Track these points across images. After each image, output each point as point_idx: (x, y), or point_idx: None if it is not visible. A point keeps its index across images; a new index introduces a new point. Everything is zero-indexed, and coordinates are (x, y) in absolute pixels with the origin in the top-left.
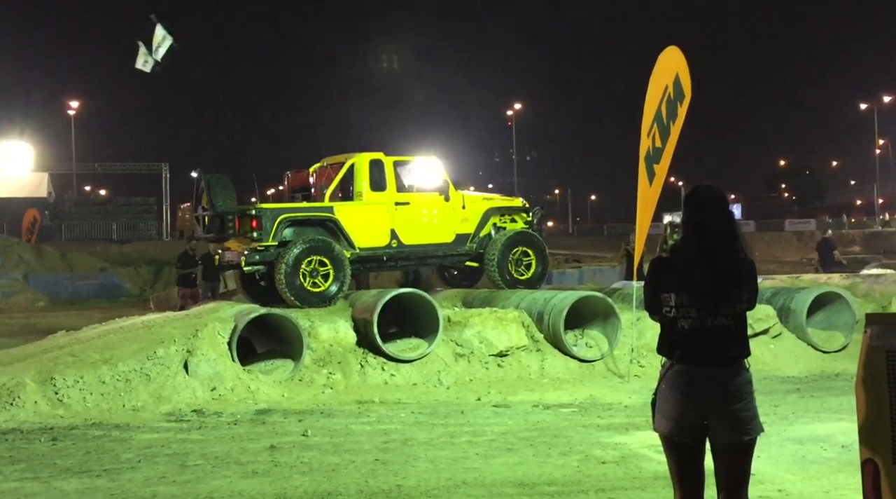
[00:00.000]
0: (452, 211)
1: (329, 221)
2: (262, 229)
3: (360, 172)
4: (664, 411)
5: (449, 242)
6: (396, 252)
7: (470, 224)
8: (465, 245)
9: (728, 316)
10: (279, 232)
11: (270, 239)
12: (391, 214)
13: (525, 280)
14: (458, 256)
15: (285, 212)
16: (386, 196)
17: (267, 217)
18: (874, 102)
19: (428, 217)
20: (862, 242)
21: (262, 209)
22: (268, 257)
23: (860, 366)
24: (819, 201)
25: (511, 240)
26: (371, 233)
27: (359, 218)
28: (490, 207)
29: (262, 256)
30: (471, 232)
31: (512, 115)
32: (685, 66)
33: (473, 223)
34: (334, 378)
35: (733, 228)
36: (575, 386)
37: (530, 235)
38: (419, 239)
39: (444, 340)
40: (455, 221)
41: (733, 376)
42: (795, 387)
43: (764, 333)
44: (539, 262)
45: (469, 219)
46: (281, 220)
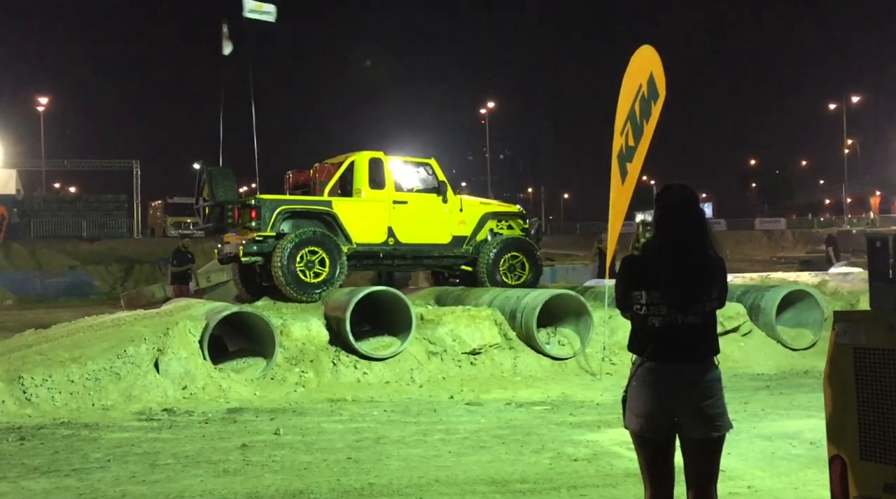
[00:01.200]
0: (450, 213)
1: (327, 214)
2: (261, 219)
3: (359, 169)
4: (634, 408)
5: (445, 244)
6: (393, 250)
7: (467, 227)
8: (461, 247)
9: (698, 314)
10: (277, 223)
11: (269, 230)
12: (389, 211)
13: (515, 286)
14: (454, 257)
15: (284, 204)
16: (384, 194)
17: (266, 207)
18: (843, 103)
19: (425, 217)
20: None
21: (261, 200)
22: (265, 249)
23: (828, 363)
24: (789, 200)
25: (505, 245)
26: (369, 229)
27: (357, 214)
28: (487, 212)
29: (259, 246)
30: (467, 235)
31: (485, 114)
32: (660, 65)
33: (470, 226)
34: (307, 376)
35: (703, 227)
36: (547, 384)
37: (524, 241)
38: (416, 238)
39: (417, 339)
40: (452, 223)
41: (703, 374)
42: (765, 384)
43: (734, 330)
44: (531, 269)
45: (466, 222)
46: (280, 211)
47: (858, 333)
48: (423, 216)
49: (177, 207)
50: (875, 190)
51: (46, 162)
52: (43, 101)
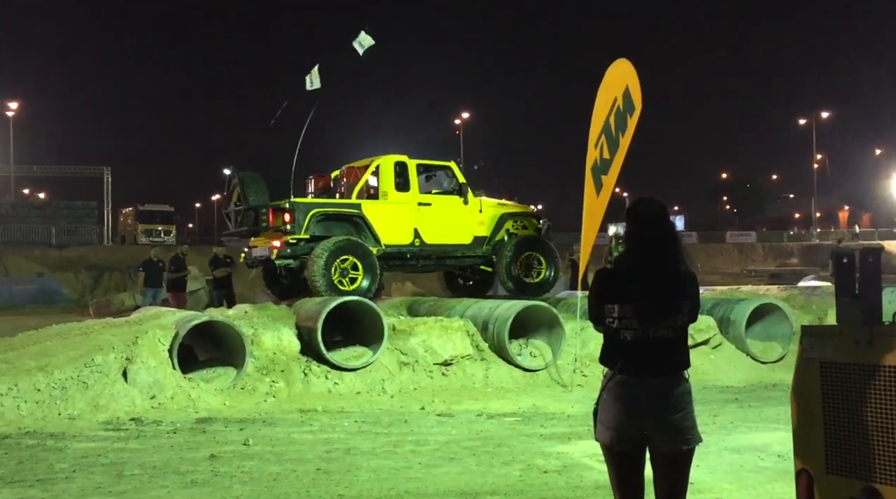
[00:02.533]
0: (470, 214)
1: (357, 217)
2: (295, 222)
3: (385, 172)
4: (605, 420)
5: (467, 244)
6: (419, 250)
7: (486, 227)
8: (482, 247)
9: (669, 328)
10: (311, 226)
11: (303, 232)
12: (414, 213)
13: (534, 284)
14: (475, 257)
15: (317, 207)
16: (409, 196)
17: (300, 211)
18: (812, 118)
19: (448, 218)
20: (800, 255)
21: (295, 203)
22: (299, 252)
23: (794, 377)
24: (759, 214)
25: (522, 244)
26: (396, 231)
27: (385, 216)
28: (505, 212)
29: (293, 249)
30: (487, 235)
31: (460, 125)
32: (636, 78)
33: (489, 227)
34: (277, 386)
35: (675, 241)
36: (519, 395)
37: (542, 240)
38: (440, 239)
39: (389, 349)
40: (473, 223)
41: (673, 387)
42: (734, 397)
43: (704, 343)
44: (549, 267)
45: (485, 222)
46: (313, 214)
47: (825, 348)
48: (446, 217)
49: (148, 215)
50: (843, 204)
51: (16, 167)
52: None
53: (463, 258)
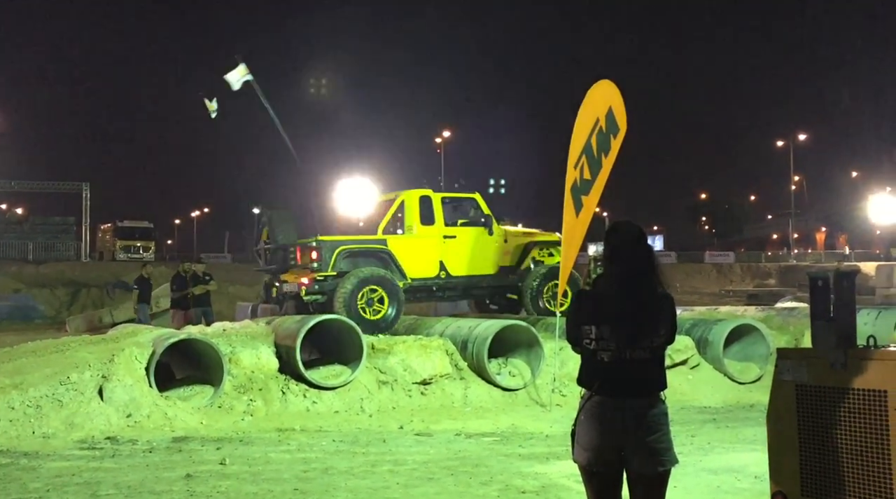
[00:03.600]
0: (495, 244)
1: (383, 252)
2: (322, 260)
3: (410, 206)
4: (583, 441)
5: (492, 274)
6: (445, 283)
7: (511, 257)
8: (507, 277)
9: (646, 349)
10: (338, 263)
11: (330, 269)
12: (440, 246)
13: (561, 313)
14: (501, 287)
15: (343, 244)
16: (434, 229)
17: (326, 249)
18: (790, 140)
19: (473, 250)
20: (777, 276)
21: (322, 242)
22: (326, 288)
23: (770, 400)
24: (738, 234)
25: (548, 273)
26: (422, 264)
27: (410, 250)
28: (530, 241)
29: (321, 286)
30: (512, 265)
31: (441, 143)
32: (620, 99)
33: (514, 256)
34: (255, 405)
35: (652, 264)
36: (497, 415)
37: None
38: (465, 270)
39: (368, 368)
40: (498, 253)
41: (650, 408)
42: (712, 417)
43: (682, 363)
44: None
45: (510, 252)
46: (339, 251)
47: (800, 371)
48: (471, 249)
49: (127, 231)
50: (821, 226)
51: None
52: None
53: (489, 288)
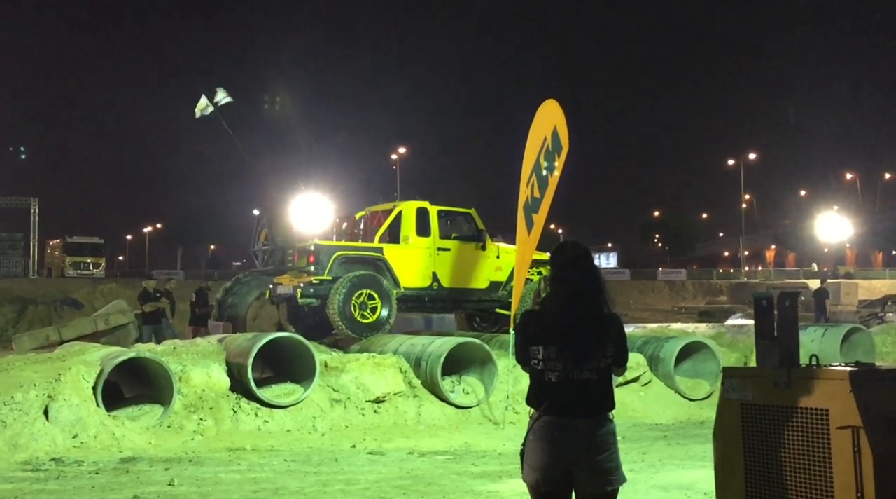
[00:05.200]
0: (487, 259)
1: (379, 260)
2: (319, 264)
3: (407, 217)
4: (531, 461)
5: (483, 288)
6: (437, 294)
7: (503, 273)
8: (498, 292)
9: (593, 370)
10: (334, 267)
11: (326, 273)
12: (434, 258)
13: None
14: (491, 301)
15: (340, 249)
16: (429, 241)
17: (324, 253)
18: (740, 159)
19: (466, 263)
20: (728, 293)
21: (319, 246)
22: (322, 291)
23: (716, 418)
24: (690, 252)
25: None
26: (415, 274)
27: (405, 259)
28: None
29: (316, 289)
30: (503, 280)
31: (396, 159)
32: (563, 118)
33: (506, 272)
34: (205, 424)
35: (598, 284)
36: (451, 433)
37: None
38: (457, 283)
39: (321, 386)
40: (490, 268)
41: (597, 428)
42: (663, 434)
43: (635, 380)
44: None
45: (502, 268)
46: (336, 256)
47: (745, 389)
48: (464, 262)
49: (76, 247)
50: (771, 243)
51: None
52: None
53: (479, 302)
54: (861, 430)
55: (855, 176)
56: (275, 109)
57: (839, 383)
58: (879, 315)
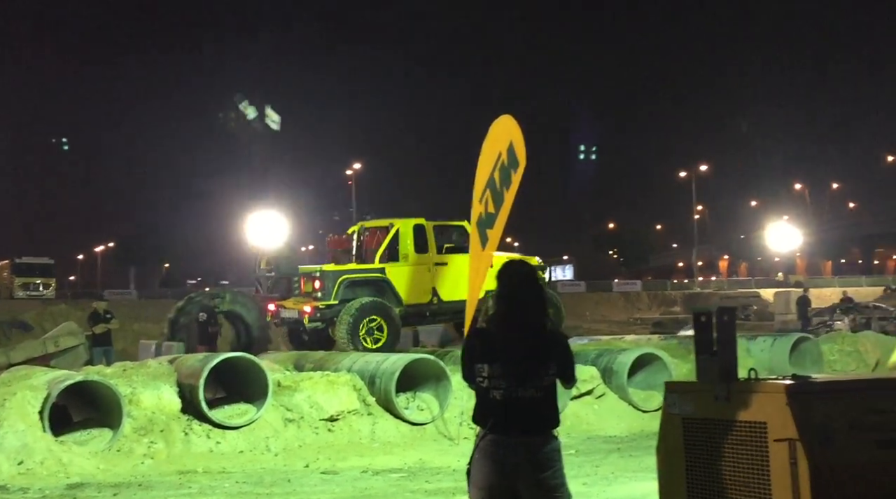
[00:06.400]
0: None
1: (382, 280)
2: (325, 290)
3: (405, 235)
4: (477, 480)
5: (480, 298)
6: (437, 308)
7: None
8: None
9: (537, 388)
10: (339, 292)
11: (332, 298)
12: (432, 273)
13: None
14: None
15: (345, 274)
16: (427, 257)
17: (329, 279)
18: (692, 171)
19: (462, 275)
20: (682, 303)
21: (325, 272)
22: (328, 315)
23: (659, 432)
24: (644, 263)
25: None
26: (416, 290)
27: (405, 277)
28: None
29: (323, 314)
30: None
31: (352, 175)
32: (519, 134)
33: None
34: (156, 447)
35: (542, 302)
36: (405, 450)
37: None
38: (456, 296)
39: (274, 405)
40: (486, 280)
41: (542, 445)
42: (616, 446)
43: (588, 393)
44: (555, 315)
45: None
46: (341, 280)
47: (686, 404)
48: (461, 275)
49: (25, 267)
50: (723, 254)
51: None
52: None
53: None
54: (797, 442)
55: (804, 187)
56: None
57: (776, 396)
58: (828, 323)
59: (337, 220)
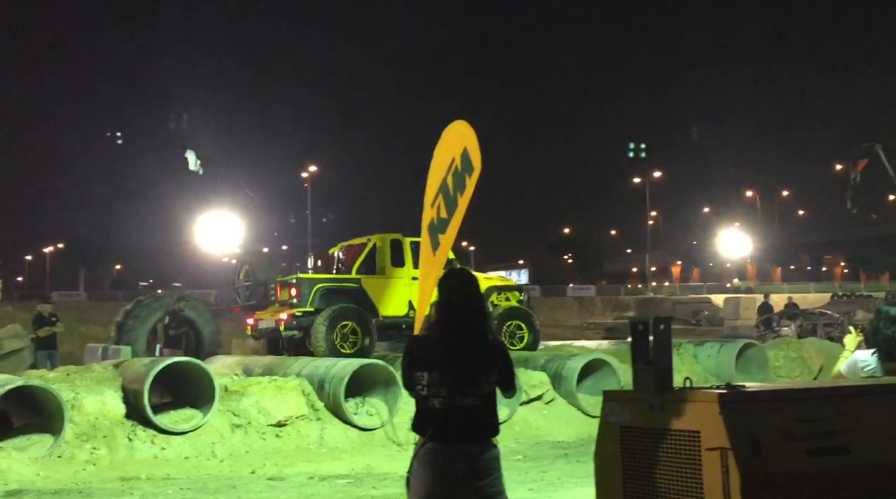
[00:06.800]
0: None
1: (357, 290)
2: (301, 296)
3: (382, 250)
4: (416, 488)
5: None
6: (414, 321)
7: None
8: None
9: (476, 396)
10: (315, 299)
11: (308, 305)
12: (409, 287)
13: (520, 348)
14: None
15: (321, 282)
16: (404, 271)
17: (305, 286)
18: (646, 177)
19: None
20: (635, 308)
21: (301, 279)
22: (304, 323)
23: (597, 441)
24: (599, 268)
25: (506, 314)
26: (392, 303)
27: (382, 289)
28: (490, 286)
29: (299, 321)
30: None
31: (308, 177)
32: (474, 139)
33: None
34: (98, 453)
35: (482, 312)
36: (353, 455)
37: (523, 310)
38: None
39: (221, 411)
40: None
41: (481, 454)
42: (564, 452)
43: (538, 399)
44: (530, 333)
45: None
46: (317, 288)
47: (623, 413)
48: None
49: None
50: (676, 259)
51: None
52: None
53: None
54: (729, 451)
55: (754, 194)
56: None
57: (709, 405)
58: (775, 329)
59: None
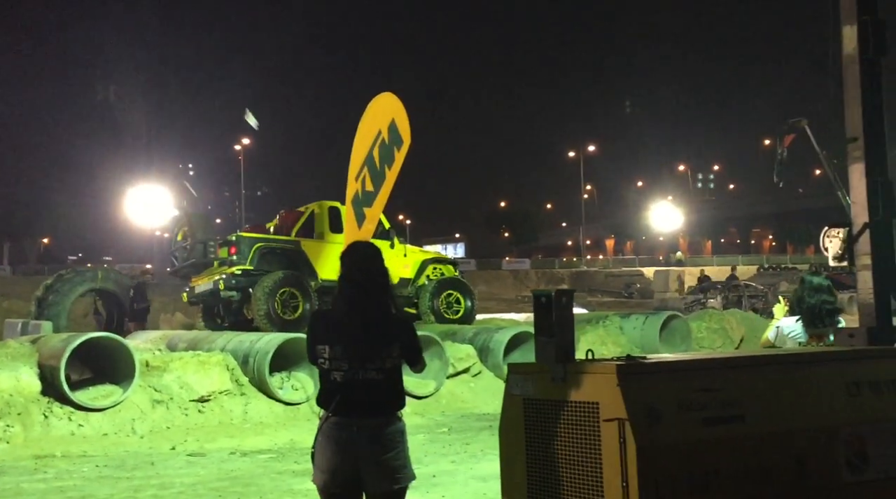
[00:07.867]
0: (396, 257)
1: (296, 252)
2: (240, 254)
3: (320, 216)
4: (320, 463)
5: (394, 284)
6: None
7: (410, 271)
8: (407, 288)
9: (378, 370)
10: (255, 259)
11: (248, 263)
12: None
13: (457, 319)
14: (400, 297)
15: (260, 241)
16: (342, 238)
17: (245, 243)
18: (581, 151)
19: None
20: (569, 281)
21: (240, 237)
22: (244, 283)
23: (502, 414)
24: (534, 242)
25: (442, 284)
26: (330, 267)
27: (320, 253)
28: (426, 259)
29: (238, 280)
30: (410, 277)
31: (241, 151)
32: (403, 111)
33: (413, 270)
34: (12, 431)
35: (386, 285)
36: (277, 430)
37: (459, 280)
38: None
39: (142, 386)
40: (398, 266)
41: (384, 427)
42: (489, 424)
43: (465, 371)
44: (467, 301)
45: (409, 266)
46: (257, 247)
47: (527, 385)
48: None
49: None
50: (610, 233)
51: None
52: None
53: None
54: (626, 422)
55: (686, 167)
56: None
57: (607, 376)
58: (702, 301)
59: (227, 195)
